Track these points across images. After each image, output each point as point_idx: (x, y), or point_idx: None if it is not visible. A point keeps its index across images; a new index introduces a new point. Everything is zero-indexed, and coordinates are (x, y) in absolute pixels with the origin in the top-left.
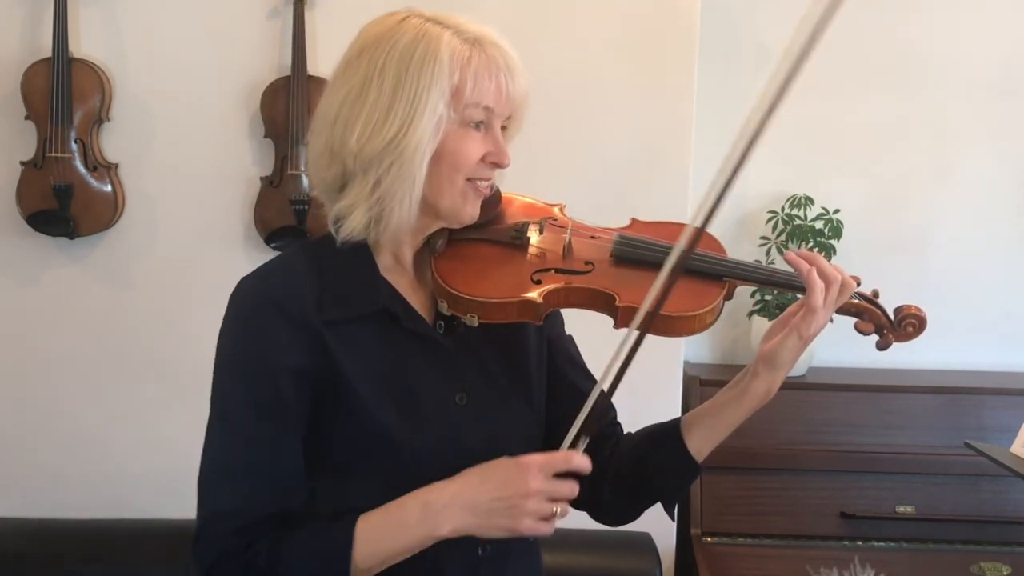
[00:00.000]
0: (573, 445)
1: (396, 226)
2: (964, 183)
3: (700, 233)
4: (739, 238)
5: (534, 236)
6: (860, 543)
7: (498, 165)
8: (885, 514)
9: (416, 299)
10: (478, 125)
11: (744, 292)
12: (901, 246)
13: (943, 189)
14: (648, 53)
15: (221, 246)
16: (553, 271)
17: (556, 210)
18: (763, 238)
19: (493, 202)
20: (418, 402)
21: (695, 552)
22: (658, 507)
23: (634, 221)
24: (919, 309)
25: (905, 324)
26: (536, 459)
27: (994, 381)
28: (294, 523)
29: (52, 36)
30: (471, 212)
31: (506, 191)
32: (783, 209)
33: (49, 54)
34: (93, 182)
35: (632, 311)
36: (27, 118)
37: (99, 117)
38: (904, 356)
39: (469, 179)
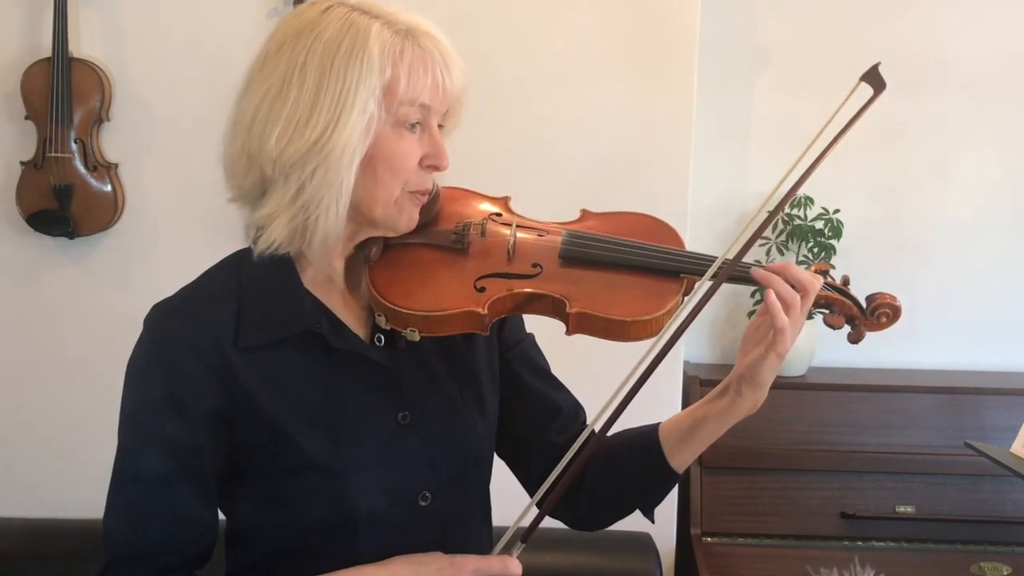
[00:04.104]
0: (509, 548)
1: (323, 237)
2: (964, 183)
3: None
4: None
5: (476, 238)
6: (860, 543)
7: (437, 168)
8: (885, 514)
9: (350, 313)
10: (413, 126)
11: (744, 291)
12: (901, 246)
13: (943, 189)
14: (648, 53)
15: (221, 246)
16: (497, 276)
17: (501, 205)
18: (763, 238)
19: (432, 201)
20: (351, 426)
21: (695, 552)
22: (658, 507)
23: (584, 213)
24: (893, 298)
25: (879, 314)
26: (470, 562)
27: (994, 381)
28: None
29: (52, 36)
30: (408, 221)
31: (456, 184)
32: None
33: (49, 54)
34: (93, 182)
35: (584, 316)
36: (27, 118)
37: (99, 117)
38: (904, 356)
39: (408, 191)
